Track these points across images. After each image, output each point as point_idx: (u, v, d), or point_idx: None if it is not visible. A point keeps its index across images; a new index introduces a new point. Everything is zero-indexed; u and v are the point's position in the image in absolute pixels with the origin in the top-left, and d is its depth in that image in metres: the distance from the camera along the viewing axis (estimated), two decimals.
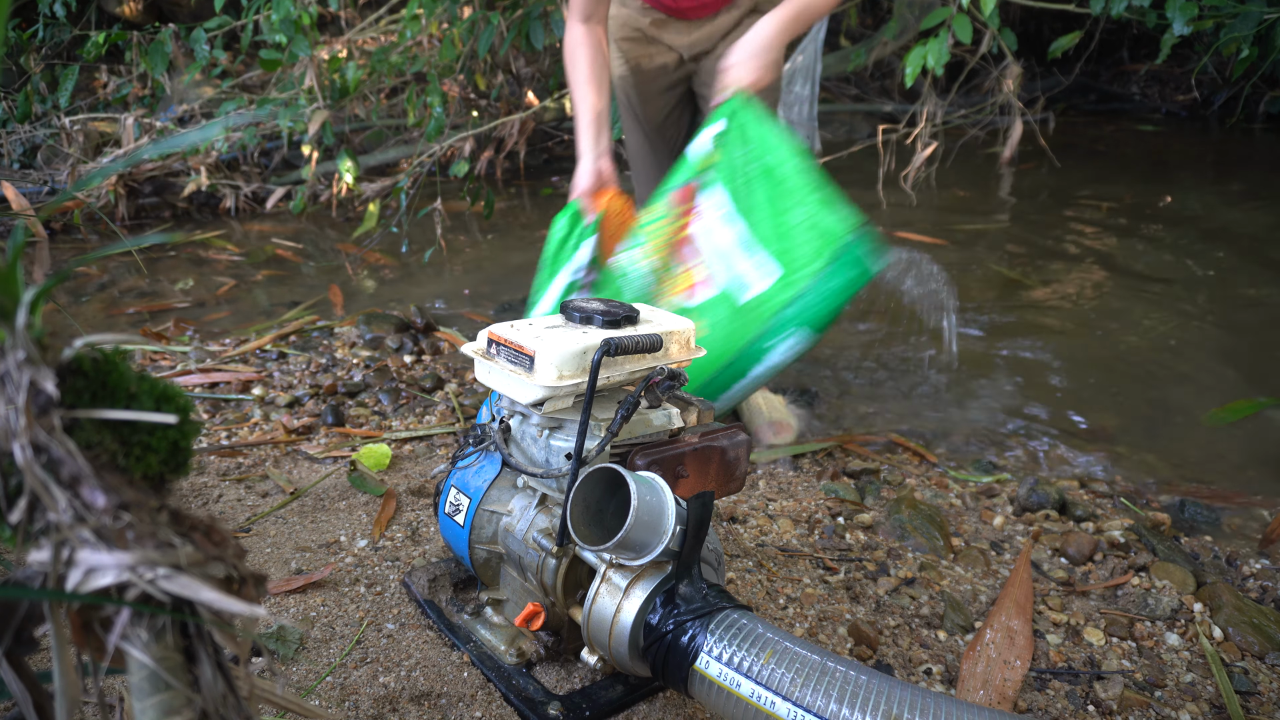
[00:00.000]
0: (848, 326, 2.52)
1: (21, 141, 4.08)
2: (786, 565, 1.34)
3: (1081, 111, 6.29)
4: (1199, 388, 2.10)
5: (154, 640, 0.36)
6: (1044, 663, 1.14)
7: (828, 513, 1.51)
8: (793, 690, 0.78)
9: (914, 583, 1.30)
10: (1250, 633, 1.18)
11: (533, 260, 3.34)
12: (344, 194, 3.80)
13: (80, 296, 2.85)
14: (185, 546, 0.36)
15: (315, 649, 1.07)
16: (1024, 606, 1.23)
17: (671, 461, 1.01)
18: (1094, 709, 1.06)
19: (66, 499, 0.34)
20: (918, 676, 1.11)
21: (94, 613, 0.37)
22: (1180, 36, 2.89)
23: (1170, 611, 1.23)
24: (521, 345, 0.96)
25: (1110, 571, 1.35)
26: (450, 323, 2.53)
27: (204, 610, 0.37)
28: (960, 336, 2.42)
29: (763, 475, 1.67)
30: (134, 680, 0.36)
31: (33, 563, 0.35)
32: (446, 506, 1.09)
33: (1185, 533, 1.49)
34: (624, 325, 1.02)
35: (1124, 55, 6.60)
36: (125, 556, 0.34)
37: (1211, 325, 2.46)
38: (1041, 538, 1.44)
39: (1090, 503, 1.57)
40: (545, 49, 4.01)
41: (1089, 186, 4.12)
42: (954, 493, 1.61)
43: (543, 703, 0.98)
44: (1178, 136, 5.55)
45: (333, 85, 3.77)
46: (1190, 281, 2.82)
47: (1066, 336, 2.42)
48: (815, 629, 1.19)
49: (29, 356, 0.33)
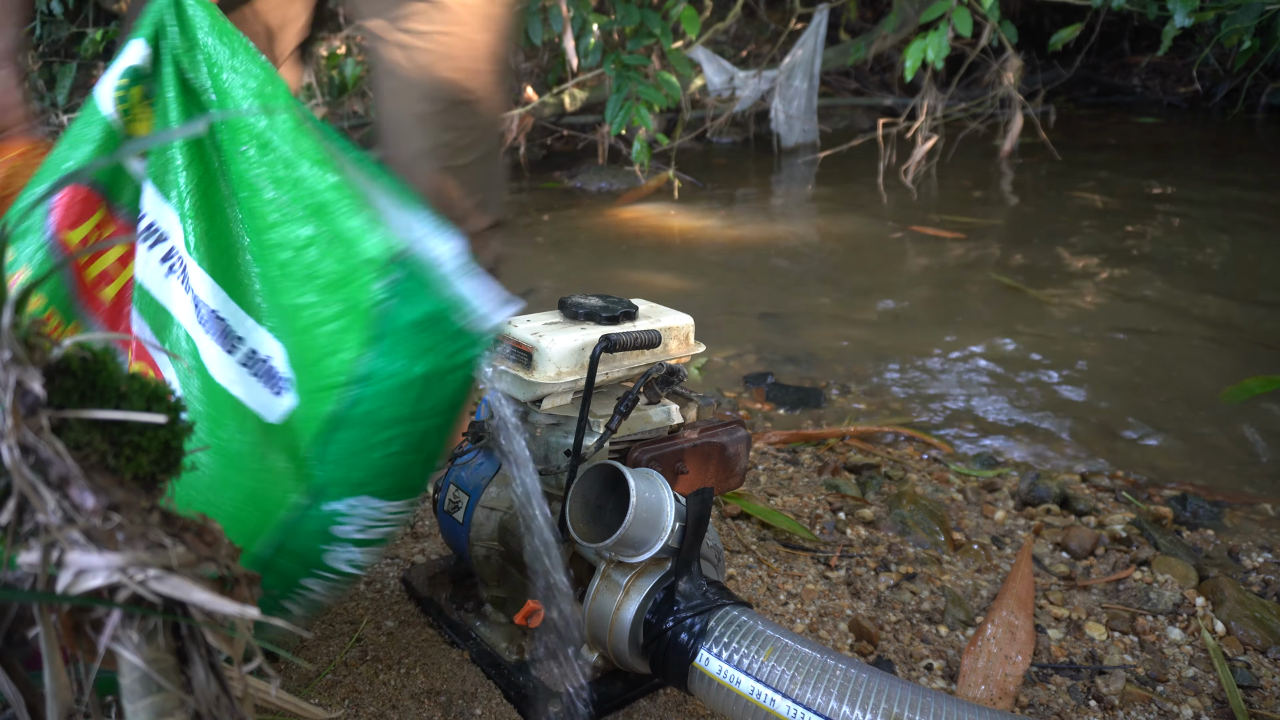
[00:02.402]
0: (849, 324, 2.52)
1: None
2: (787, 561, 1.34)
3: (1082, 104, 6.28)
4: (1202, 381, 2.09)
5: (145, 642, 0.36)
6: (1045, 658, 1.14)
7: (828, 508, 1.51)
8: (793, 687, 0.78)
9: (915, 578, 1.30)
10: (1253, 627, 1.17)
11: (532, 256, 3.33)
12: None
13: None
14: (176, 547, 0.36)
15: (314, 647, 1.07)
16: (1025, 601, 1.23)
17: (671, 458, 1.01)
18: (1096, 704, 1.05)
19: (55, 500, 0.34)
20: (919, 672, 1.11)
21: (85, 614, 0.36)
22: (1181, 28, 2.88)
23: (1172, 606, 1.23)
24: (520, 341, 0.96)
25: (1112, 566, 1.34)
26: None
27: (196, 611, 0.37)
28: (960, 331, 2.42)
29: (763, 471, 1.66)
30: (126, 682, 0.36)
31: (22, 564, 0.35)
32: (445, 504, 1.09)
33: (1187, 527, 1.49)
34: (622, 321, 1.01)
35: (1125, 47, 6.59)
36: (115, 558, 0.34)
37: (1214, 318, 2.45)
38: (1043, 532, 1.44)
39: (1092, 497, 1.57)
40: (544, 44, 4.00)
41: (1090, 179, 4.11)
42: (955, 487, 1.60)
43: (542, 700, 0.98)
44: (1179, 128, 5.53)
45: (331, 82, 3.76)
46: (1193, 275, 2.82)
47: (1068, 330, 2.41)
48: (816, 625, 1.18)
49: (15, 356, 0.32)
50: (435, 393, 0.69)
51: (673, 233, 3.51)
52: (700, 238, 3.43)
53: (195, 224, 0.75)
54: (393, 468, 0.71)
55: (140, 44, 0.76)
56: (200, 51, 0.74)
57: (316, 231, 0.69)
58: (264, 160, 0.71)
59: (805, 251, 3.27)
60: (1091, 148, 4.90)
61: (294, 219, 0.69)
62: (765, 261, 3.12)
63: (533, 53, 4.39)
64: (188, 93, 0.76)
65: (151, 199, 0.76)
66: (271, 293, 0.72)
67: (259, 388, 0.73)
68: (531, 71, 4.45)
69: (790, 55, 4.72)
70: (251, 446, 0.74)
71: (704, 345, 1.08)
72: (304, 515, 0.72)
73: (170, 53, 0.75)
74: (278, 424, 0.73)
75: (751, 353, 2.30)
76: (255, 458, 0.74)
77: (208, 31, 0.74)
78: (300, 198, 0.69)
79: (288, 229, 0.69)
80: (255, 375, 0.73)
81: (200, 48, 0.74)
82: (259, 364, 0.73)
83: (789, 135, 4.94)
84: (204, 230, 0.75)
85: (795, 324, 2.49)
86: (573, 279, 2.97)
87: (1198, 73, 5.95)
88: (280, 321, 0.73)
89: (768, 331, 2.44)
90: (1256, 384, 1.95)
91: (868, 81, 6.11)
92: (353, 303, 0.67)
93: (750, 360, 2.26)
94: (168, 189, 0.76)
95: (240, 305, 0.74)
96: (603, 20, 3.28)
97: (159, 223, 0.76)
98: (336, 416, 0.69)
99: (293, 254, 0.69)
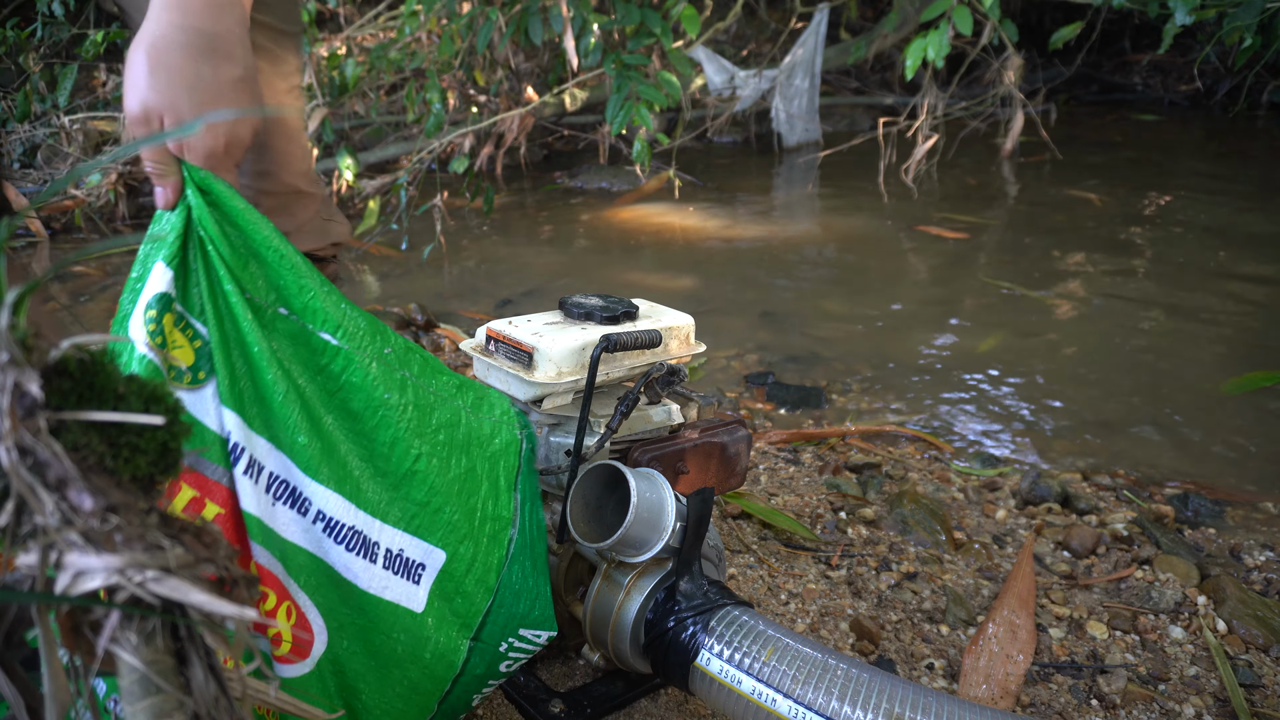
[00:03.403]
0: (850, 323, 2.52)
1: (21, 141, 4.07)
2: (788, 560, 1.34)
3: (1083, 102, 6.27)
4: (1204, 380, 2.09)
5: (144, 643, 0.36)
6: (1047, 657, 1.13)
7: (829, 507, 1.50)
8: (794, 687, 0.78)
9: (916, 577, 1.30)
10: (1255, 625, 1.17)
11: (533, 256, 3.34)
12: (344, 191, 3.80)
13: (80, 296, 2.85)
14: (175, 548, 0.36)
15: None
16: (1026, 600, 1.22)
17: (672, 458, 1.01)
18: (1097, 703, 1.05)
19: (53, 502, 0.34)
20: (920, 671, 1.11)
21: (83, 616, 0.36)
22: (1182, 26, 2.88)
23: (1174, 604, 1.23)
24: (520, 342, 0.96)
25: (1113, 565, 1.34)
26: (451, 319, 2.53)
27: (194, 612, 0.36)
28: (962, 330, 2.41)
29: (764, 470, 1.66)
30: (125, 684, 0.36)
31: (21, 566, 0.35)
32: None
33: (1189, 525, 1.49)
34: (623, 321, 1.01)
35: (1126, 45, 6.58)
36: (113, 559, 0.34)
37: (1216, 317, 2.45)
38: (1044, 531, 1.44)
39: (1093, 495, 1.57)
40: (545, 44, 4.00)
41: (1091, 177, 4.11)
42: (956, 486, 1.60)
43: (544, 700, 0.98)
44: (1180, 126, 5.52)
45: (332, 82, 3.76)
46: (1195, 273, 2.81)
47: (1069, 328, 2.41)
48: (817, 624, 1.18)
49: (12, 358, 0.32)
50: (538, 508, 0.87)
51: (673, 232, 3.51)
52: (701, 237, 3.43)
53: (304, 444, 0.73)
54: (537, 591, 0.85)
55: (161, 267, 0.72)
56: (244, 257, 0.74)
57: (451, 414, 0.81)
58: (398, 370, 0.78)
59: (806, 251, 3.27)
60: (1093, 146, 4.90)
61: (435, 405, 0.80)
62: (766, 261, 3.12)
63: (533, 53, 4.39)
64: (229, 303, 0.73)
65: (237, 428, 0.72)
66: (402, 480, 0.78)
67: (403, 584, 0.78)
68: (532, 71, 4.45)
69: (791, 54, 4.72)
70: (410, 641, 0.79)
71: (704, 345, 1.08)
72: (470, 663, 0.83)
73: (204, 261, 0.73)
74: (422, 611, 0.79)
75: (752, 352, 2.30)
76: (416, 649, 0.79)
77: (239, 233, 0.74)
78: (425, 391, 0.80)
79: (442, 411, 0.81)
80: (396, 573, 0.78)
81: (239, 251, 0.74)
82: (397, 560, 0.78)
83: (790, 134, 4.94)
84: (319, 448, 0.74)
85: (796, 323, 2.49)
86: (573, 279, 2.97)
87: (1199, 71, 5.94)
88: (411, 504, 0.79)
89: (769, 331, 2.44)
90: (1260, 377, 1.94)
91: (868, 80, 6.10)
92: (493, 457, 0.83)
93: (751, 360, 2.26)
94: (250, 416, 0.73)
95: (366, 510, 0.76)
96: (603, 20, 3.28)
97: (252, 452, 0.72)
98: (505, 556, 0.83)
99: (451, 431, 0.81)
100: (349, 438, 0.76)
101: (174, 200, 0.74)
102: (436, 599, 0.80)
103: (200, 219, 0.72)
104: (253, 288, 0.73)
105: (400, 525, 0.78)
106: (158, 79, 0.75)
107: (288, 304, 0.74)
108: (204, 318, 0.72)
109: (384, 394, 0.76)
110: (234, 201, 0.74)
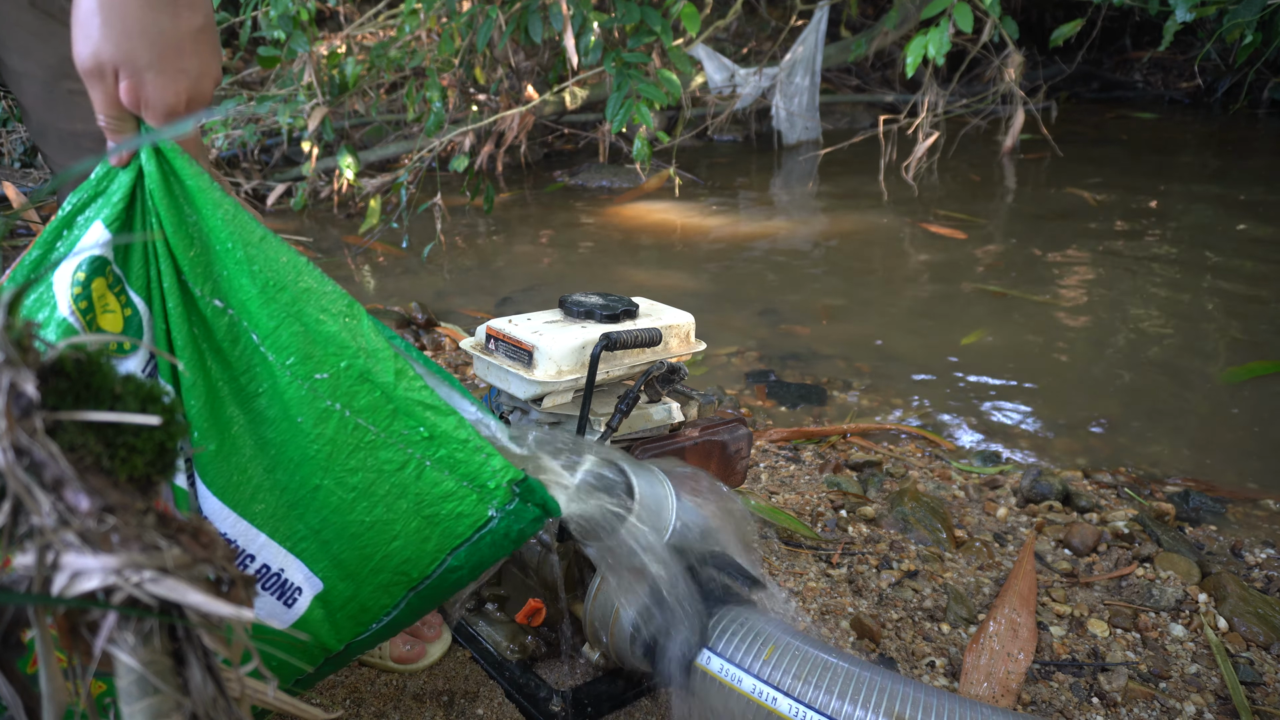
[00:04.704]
0: (851, 321, 2.51)
1: (22, 140, 4.07)
2: (788, 559, 1.33)
3: (1084, 100, 6.26)
4: (1205, 378, 2.08)
5: (141, 644, 0.36)
6: (1048, 655, 1.13)
7: (830, 505, 1.50)
8: (794, 686, 0.78)
9: (917, 575, 1.30)
10: (1255, 623, 1.17)
11: (533, 255, 3.33)
12: (345, 190, 3.80)
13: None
14: (172, 549, 0.36)
15: None
16: (1027, 598, 1.22)
17: (672, 456, 1.00)
18: (1098, 701, 1.05)
19: (50, 502, 0.33)
20: (921, 669, 1.11)
21: (80, 616, 0.36)
22: (1183, 23, 2.87)
23: (1175, 602, 1.23)
24: (520, 340, 0.95)
25: (1114, 562, 1.34)
26: (451, 317, 2.53)
27: (192, 613, 0.36)
28: (962, 327, 2.41)
29: (765, 468, 1.66)
30: (122, 684, 0.36)
31: (18, 566, 0.35)
32: None
33: (1189, 523, 1.49)
34: (623, 319, 1.01)
35: (1126, 43, 6.57)
36: (110, 560, 0.34)
37: (1217, 315, 2.44)
38: (1045, 529, 1.44)
39: (1094, 493, 1.57)
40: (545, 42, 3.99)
41: (1091, 174, 4.10)
42: (957, 484, 1.60)
43: (545, 698, 0.98)
44: (1181, 124, 5.51)
45: (332, 81, 3.76)
46: (1196, 271, 2.81)
47: (1070, 326, 2.41)
48: (818, 622, 1.18)
49: (8, 358, 0.32)
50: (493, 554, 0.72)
51: (674, 231, 3.50)
52: (701, 235, 3.43)
53: (196, 439, 0.69)
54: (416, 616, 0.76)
55: (99, 228, 0.67)
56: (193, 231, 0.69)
57: (417, 455, 0.69)
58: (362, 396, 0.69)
59: (807, 249, 3.27)
60: (1093, 143, 4.89)
61: (387, 445, 0.69)
62: (767, 259, 3.11)
63: (533, 51, 4.38)
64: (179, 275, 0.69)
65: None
66: (334, 509, 0.71)
67: (271, 601, 0.72)
68: (532, 70, 4.45)
69: (791, 52, 4.71)
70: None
71: (705, 343, 1.08)
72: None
73: (157, 228, 0.68)
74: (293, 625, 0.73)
75: (753, 350, 2.30)
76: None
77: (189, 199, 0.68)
78: (393, 418, 0.69)
79: (383, 453, 0.69)
80: (268, 589, 0.72)
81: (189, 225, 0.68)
82: (273, 579, 0.72)
83: (790, 132, 4.93)
84: (214, 448, 0.70)
85: (797, 321, 2.49)
86: (573, 277, 2.97)
87: (1199, 68, 5.93)
88: (303, 526, 0.72)
89: (769, 329, 2.44)
90: (1260, 367, 1.94)
91: (869, 78, 6.09)
92: (432, 518, 0.69)
93: (752, 357, 2.26)
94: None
95: (250, 520, 0.71)
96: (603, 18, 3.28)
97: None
98: (393, 605, 0.73)
99: (376, 476, 0.69)
100: (256, 444, 0.71)
101: (128, 159, 0.68)
102: (317, 615, 0.74)
103: (152, 190, 0.67)
104: (190, 272, 0.68)
105: (287, 545, 0.72)
106: (111, 28, 0.65)
107: (224, 297, 0.69)
108: (143, 291, 0.69)
109: (297, 416, 0.69)
110: (195, 180, 0.67)
